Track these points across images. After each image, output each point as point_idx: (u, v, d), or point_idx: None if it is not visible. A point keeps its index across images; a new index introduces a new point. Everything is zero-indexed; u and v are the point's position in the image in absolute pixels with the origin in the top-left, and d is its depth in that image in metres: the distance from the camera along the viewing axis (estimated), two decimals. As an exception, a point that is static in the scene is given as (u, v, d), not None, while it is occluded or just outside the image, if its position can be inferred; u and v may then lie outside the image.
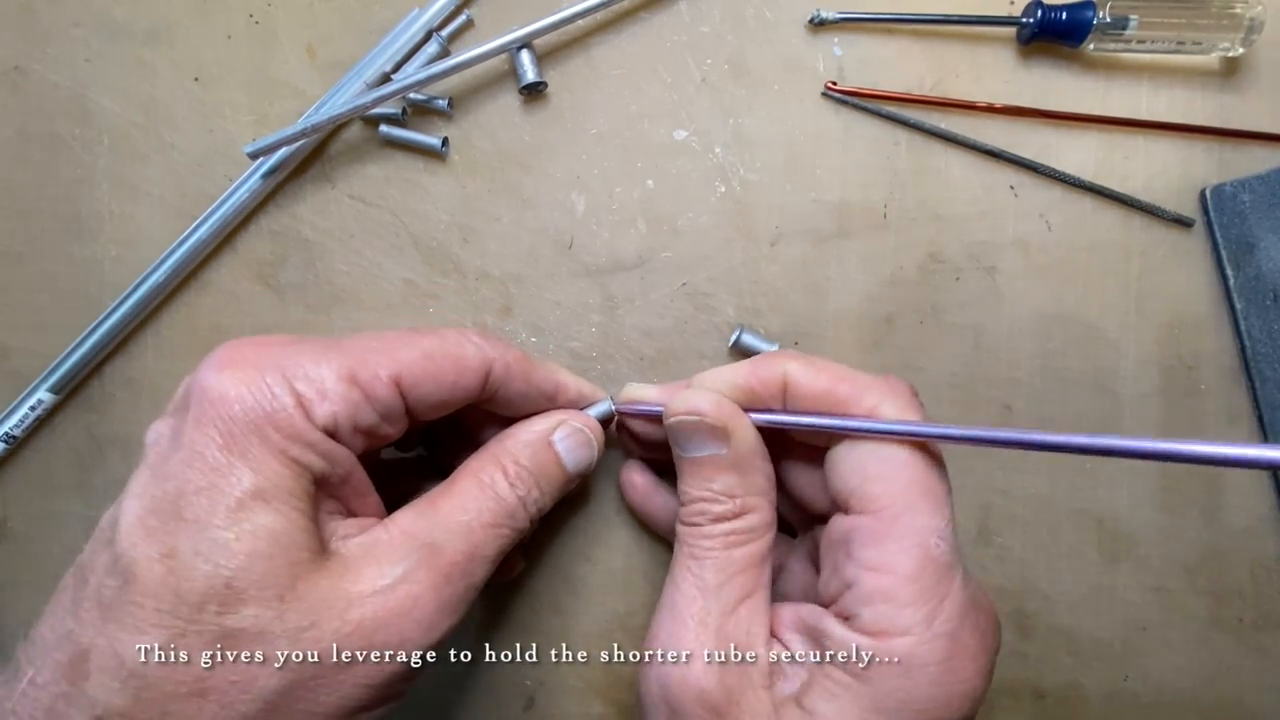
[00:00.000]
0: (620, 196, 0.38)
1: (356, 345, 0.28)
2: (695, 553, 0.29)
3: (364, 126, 0.39)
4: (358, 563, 0.26)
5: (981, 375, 0.38)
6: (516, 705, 0.39)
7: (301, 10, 0.38)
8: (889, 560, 0.27)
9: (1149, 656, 0.39)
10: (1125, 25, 0.35)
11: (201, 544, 0.24)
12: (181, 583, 0.24)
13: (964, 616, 0.27)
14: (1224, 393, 0.38)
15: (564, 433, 0.32)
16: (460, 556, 0.28)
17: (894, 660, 0.26)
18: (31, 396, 0.38)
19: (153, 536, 0.24)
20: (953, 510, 0.28)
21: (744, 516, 0.30)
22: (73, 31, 0.39)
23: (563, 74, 0.38)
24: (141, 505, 0.25)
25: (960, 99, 0.38)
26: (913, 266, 0.38)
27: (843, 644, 0.27)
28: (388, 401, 0.28)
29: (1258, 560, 0.38)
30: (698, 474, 0.30)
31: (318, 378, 0.26)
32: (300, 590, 0.25)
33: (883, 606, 0.26)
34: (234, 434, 0.25)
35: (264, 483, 0.25)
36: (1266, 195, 0.37)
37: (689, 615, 0.28)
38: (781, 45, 0.38)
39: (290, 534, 0.25)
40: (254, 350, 0.26)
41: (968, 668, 0.27)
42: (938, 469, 0.28)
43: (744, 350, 0.37)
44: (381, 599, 0.26)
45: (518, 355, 0.31)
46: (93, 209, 0.39)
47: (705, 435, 0.30)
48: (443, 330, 0.30)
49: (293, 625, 0.24)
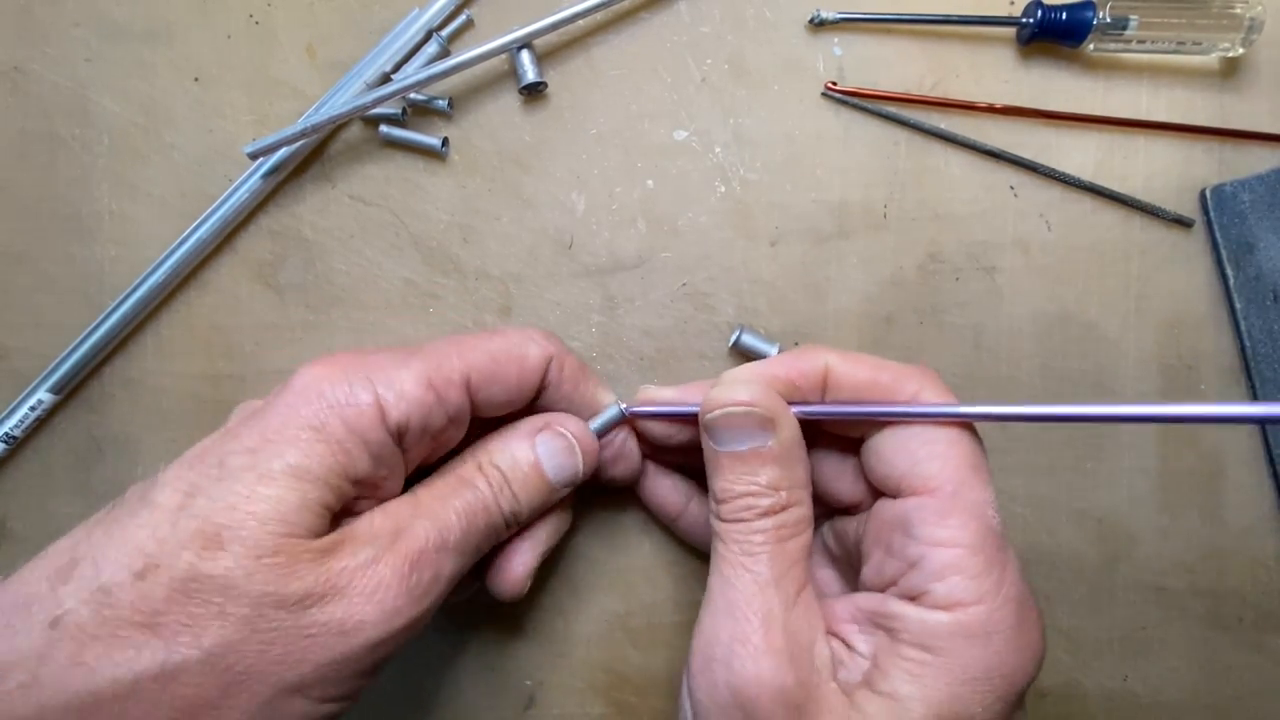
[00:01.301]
0: (620, 196, 0.38)
1: (431, 350, 0.30)
2: (748, 549, 0.29)
3: (364, 126, 0.39)
4: (336, 546, 0.27)
5: (981, 375, 0.38)
6: (516, 705, 0.39)
7: (301, 10, 0.38)
8: (953, 535, 0.27)
9: (1149, 656, 0.39)
10: (1125, 25, 0.35)
11: (218, 491, 0.26)
12: (182, 519, 0.25)
13: (1024, 581, 0.28)
14: (1224, 393, 0.38)
15: (546, 436, 0.32)
16: (428, 544, 0.28)
17: (972, 630, 0.26)
18: (31, 396, 0.38)
19: (188, 476, 0.26)
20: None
21: (791, 509, 0.29)
22: (73, 31, 0.39)
23: (563, 74, 0.38)
24: (196, 452, 0.27)
25: (960, 99, 0.38)
26: (913, 266, 0.38)
27: (917, 622, 0.27)
28: (458, 403, 0.30)
29: (1258, 560, 0.38)
30: (741, 468, 0.29)
31: (397, 381, 0.28)
32: (279, 558, 0.25)
33: (954, 578, 0.27)
34: (300, 416, 0.27)
35: (303, 461, 0.26)
36: (1266, 195, 0.37)
37: (751, 613, 0.28)
38: (781, 45, 0.38)
39: (297, 511, 0.26)
40: (347, 355, 0.29)
41: (1036, 628, 0.28)
42: (980, 445, 0.29)
43: (744, 350, 0.37)
44: (345, 575, 0.26)
45: (574, 362, 0.33)
46: (93, 209, 0.39)
47: (753, 427, 0.29)
48: (508, 330, 0.32)
49: (257, 586, 0.25)
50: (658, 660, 0.39)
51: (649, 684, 0.39)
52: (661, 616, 0.39)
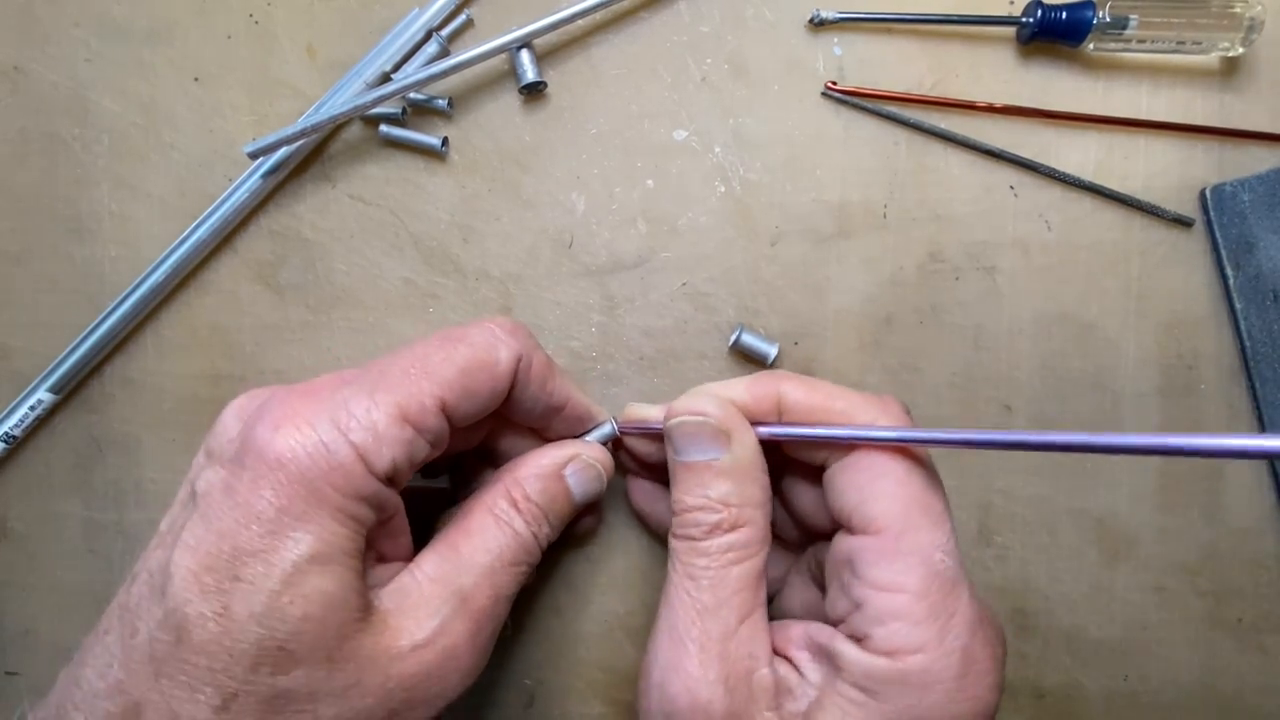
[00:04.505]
0: (620, 196, 0.38)
1: (396, 373, 0.27)
2: (691, 572, 0.29)
3: (364, 126, 0.39)
4: (394, 617, 0.26)
5: (981, 375, 0.38)
6: (516, 705, 0.39)
7: (301, 10, 0.38)
8: (896, 579, 0.27)
9: (1149, 656, 0.39)
10: (1125, 25, 0.35)
11: (256, 606, 0.24)
12: (236, 644, 0.24)
13: (974, 631, 0.27)
14: (1224, 393, 0.38)
15: (576, 467, 0.32)
16: (488, 601, 0.28)
17: (909, 679, 0.26)
18: (31, 396, 0.38)
19: (208, 594, 0.24)
20: (953, 523, 0.28)
21: (739, 530, 0.29)
22: (73, 31, 0.39)
23: (563, 74, 0.38)
24: (196, 560, 0.24)
25: (960, 99, 0.38)
26: (913, 266, 0.38)
27: (856, 664, 0.27)
28: (437, 430, 0.28)
29: (1258, 560, 0.38)
30: (694, 480, 0.30)
31: (370, 424, 0.26)
32: (347, 650, 0.25)
33: (894, 625, 0.26)
34: (292, 496, 0.25)
35: (320, 546, 0.25)
36: (1266, 195, 0.37)
37: (689, 639, 0.28)
38: (781, 45, 0.38)
39: (342, 595, 0.25)
40: (304, 404, 0.26)
41: (981, 682, 0.27)
42: (934, 483, 0.29)
43: (744, 350, 0.37)
44: (421, 654, 0.26)
45: (541, 358, 0.31)
46: (93, 209, 0.39)
47: (706, 438, 0.29)
48: (470, 333, 0.29)
49: (340, 684, 0.25)
50: (658, 660, 0.39)
51: (649, 684, 0.39)
52: (661, 616, 0.39)
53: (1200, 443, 0.23)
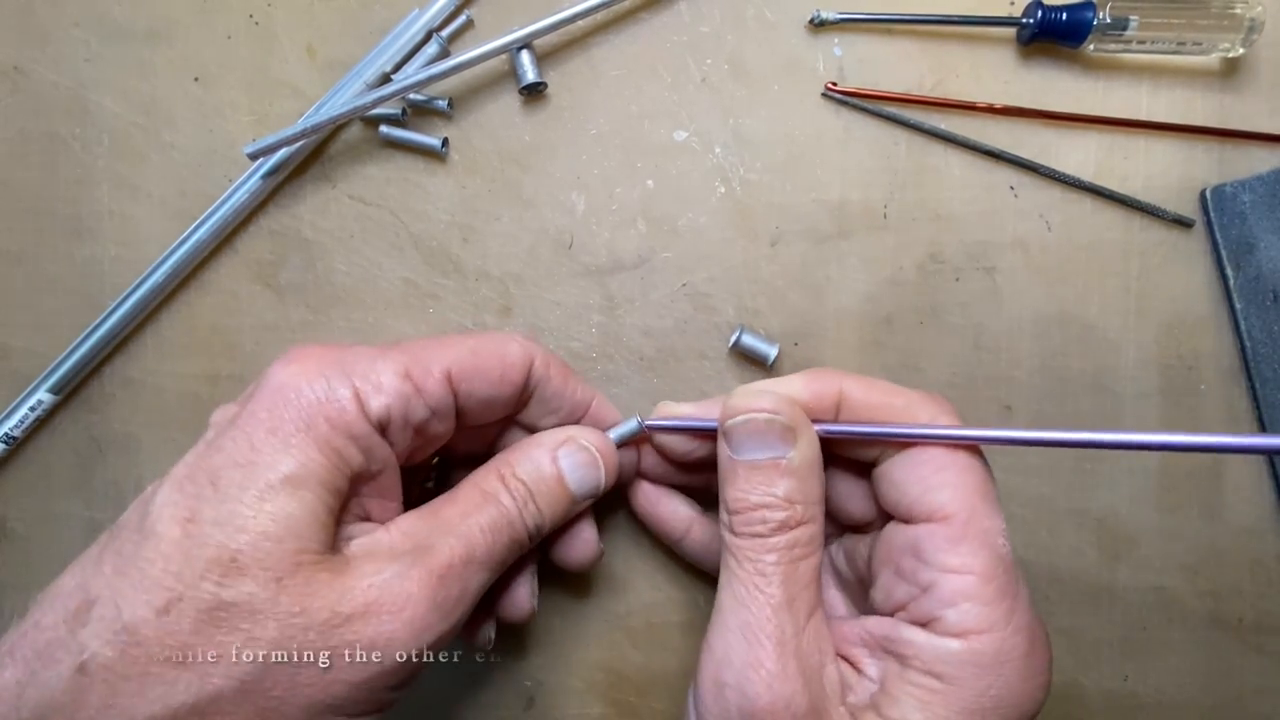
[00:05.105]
0: (620, 196, 0.38)
1: (411, 345, 0.30)
2: (762, 568, 0.28)
3: (364, 127, 0.39)
4: (357, 561, 0.27)
5: (981, 375, 0.38)
6: (516, 705, 0.39)
7: (301, 10, 0.38)
8: (966, 562, 0.27)
9: (1149, 656, 0.39)
10: (1125, 26, 0.35)
11: (221, 514, 0.25)
12: (194, 547, 0.25)
13: (1034, 610, 0.28)
14: (1224, 393, 0.38)
15: (569, 449, 0.32)
16: (455, 559, 0.28)
17: (982, 659, 0.26)
18: (31, 396, 0.38)
19: (182, 501, 0.25)
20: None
21: (805, 526, 0.29)
22: (73, 31, 0.39)
23: (563, 74, 0.38)
24: (184, 471, 0.26)
25: (960, 99, 0.38)
26: (913, 266, 0.38)
27: (927, 648, 0.27)
28: (439, 395, 0.29)
29: (1258, 560, 0.38)
30: (758, 479, 0.29)
31: (374, 373, 0.28)
32: (300, 578, 0.25)
33: (966, 606, 0.27)
34: (285, 420, 0.26)
35: (299, 470, 0.26)
36: (1266, 195, 0.37)
37: (764, 636, 0.27)
38: (781, 45, 0.38)
39: (306, 523, 0.26)
40: (320, 349, 0.28)
41: (1044, 658, 0.28)
42: (991, 474, 0.29)
43: (744, 351, 0.37)
44: (373, 593, 0.26)
45: (557, 359, 0.33)
46: (93, 209, 0.39)
47: (774, 436, 0.29)
48: (488, 332, 0.32)
49: (283, 608, 0.25)
50: (658, 660, 0.39)
51: (649, 684, 0.39)
52: (661, 616, 0.39)
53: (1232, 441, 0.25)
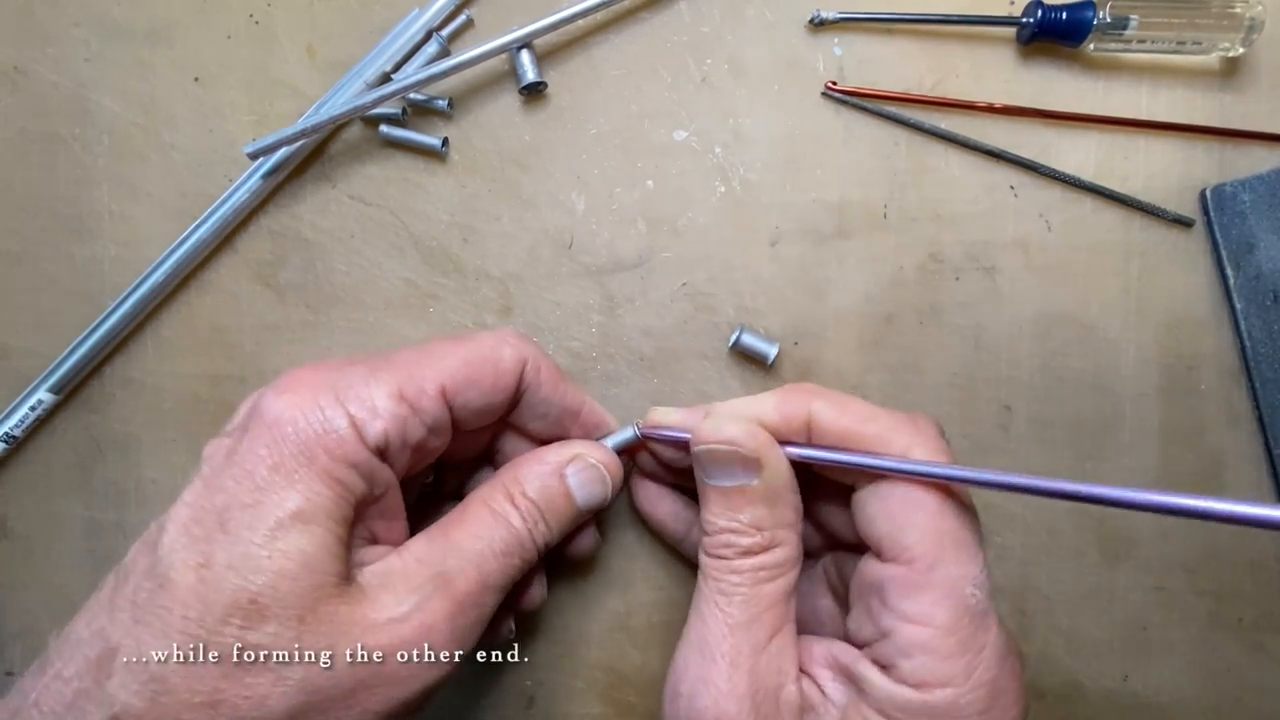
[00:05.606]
0: (620, 196, 0.38)
1: (402, 360, 0.29)
2: (723, 588, 0.29)
3: (364, 126, 0.39)
4: (375, 591, 0.27)
5: (981, 375, 0.38)
6: (516, 705, 0.39)
7: (301, 10, 0.38)
8: (925, 612, 0.26)
9: (1149, 656, 0.39)
10: (1125, 25, 0.35)
11: (235, 557, 0.25)
12: (211, 593, 0.24)
13: (1002, 663, 0.27)
14: (1224, 393, 0.38)
15: (577, 467, 0.31)
16: (473, 586, 0.28)
17: (935, 712, 0.26)
18: (31, 396, 0.38)
19: (193, 545, 0.25)
20: (986, 554, 0.28)
21: (772, 551, 0.29)
22: (73, 31, 0.39)
23: (563, 74, 0.38)
24: (188, 514, 0.26)
25: (960, 99, 0.38)
26: (913, 266, 0.38)
27: (881, 691, 0.27)
28: (435, 413, 0.29)
29: (1258, 560, 0.38)
30: (725, 504, 0.29)
31: (369, 397, 0.27)
32: (320, 614, 0.25)
33: (922, 658, 0.26)
34: (285, 455, 0.26)
35: (306, 505, 0.25)
36: (1266, 195, 0.37)
37: (719, 654, 0.28)
38: (781, 45, 0.38)
39: (320, 558, 0.25)
40: (310, 375, 0.28)
41: (1008, 713, 0.27)
42: (969, 515, 0.28)
43: (744, 350, 0.37)
44: (396, 628, 0.26)
45: (550, 364, 0.32)
46: (93, 209, 0.39)
47: (737, 465, 0.29)
48: (479, 335, 0.31)
49: (309, 647, 0.25)
50: (658, 660, 0.39)
51: (649, 684, 0.39)
52: (661, 616, 0.39)
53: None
